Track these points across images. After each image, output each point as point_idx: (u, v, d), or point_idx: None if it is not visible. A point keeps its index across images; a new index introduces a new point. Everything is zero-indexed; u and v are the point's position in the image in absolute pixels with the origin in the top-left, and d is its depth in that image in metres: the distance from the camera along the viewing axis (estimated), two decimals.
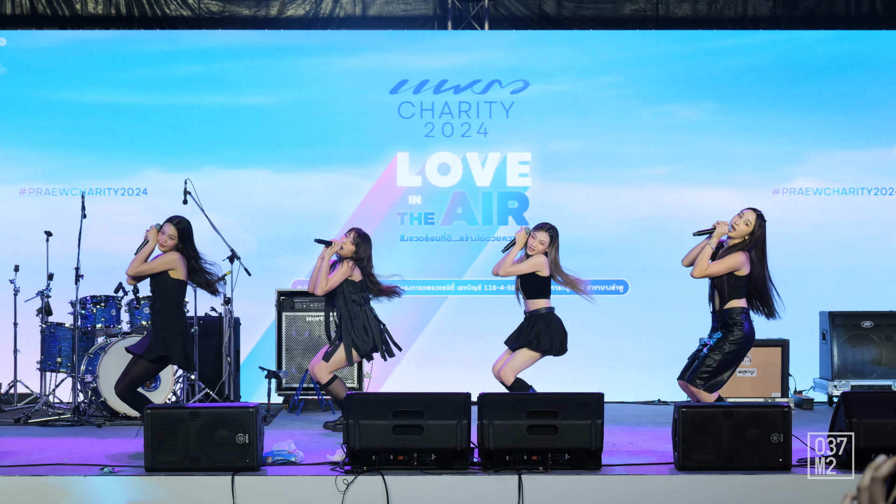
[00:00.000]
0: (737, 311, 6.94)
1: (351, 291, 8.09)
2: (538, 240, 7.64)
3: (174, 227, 7.28)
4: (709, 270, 6.94)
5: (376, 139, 10.46)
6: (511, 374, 7.54)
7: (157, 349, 7.15)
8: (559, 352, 7.66)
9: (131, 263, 7.27)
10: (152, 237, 7.27)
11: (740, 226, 6.99)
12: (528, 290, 7.68)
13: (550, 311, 7.66)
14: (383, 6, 10.86)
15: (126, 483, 6.10)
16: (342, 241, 8.12)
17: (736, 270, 6.93)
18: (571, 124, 10.49)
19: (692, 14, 10.84)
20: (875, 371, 9.69)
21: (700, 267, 6.97)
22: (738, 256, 6.93)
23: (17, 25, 10.67)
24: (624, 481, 6.17)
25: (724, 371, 6.96)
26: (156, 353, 7.15)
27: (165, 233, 7.24)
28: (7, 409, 9.32)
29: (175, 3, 10.77)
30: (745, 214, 7.02)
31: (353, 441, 6.15)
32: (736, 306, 6.94)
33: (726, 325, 6.94)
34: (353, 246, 8.10)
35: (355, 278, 8.08)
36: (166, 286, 7.21)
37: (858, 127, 10.47)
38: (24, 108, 10.43)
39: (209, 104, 10.45)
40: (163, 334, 7.15)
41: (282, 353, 9.74)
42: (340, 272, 8.08)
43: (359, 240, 8.13)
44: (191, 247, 7.31)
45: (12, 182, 10.41)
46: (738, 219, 7.02)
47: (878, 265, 10.45)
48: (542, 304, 7.65)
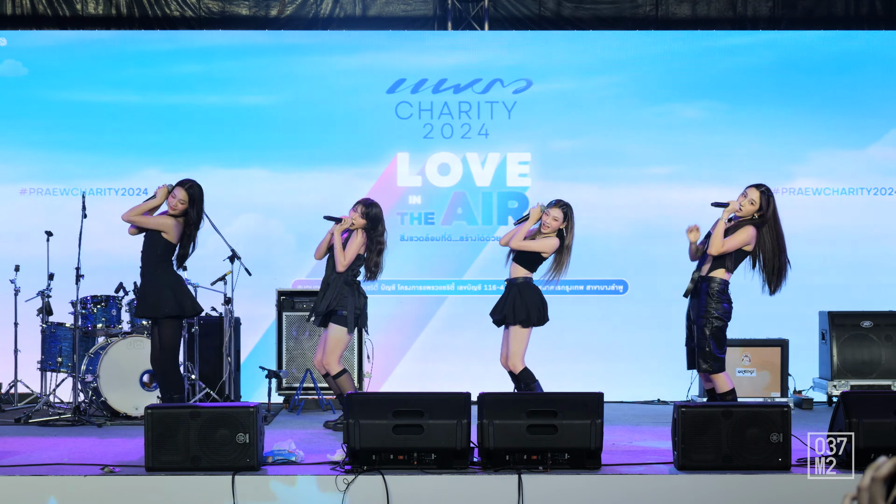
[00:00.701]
0: (716, 281, 7.01)
1: (352, 266, 8.10)
2: (552, 216, 7.67)
3: (185, 191, 7.42)
4: (725, 247, 7.00)
5: (376, 139, 10.46)
6: (518, 361, 7.59)
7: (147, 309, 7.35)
8: (538, 322, 7.68)
9: (131, 209, 7.45)
10: (161, 195, 7.45)
11: (746, 205, 7.07)
12: (520, 257, 7.71)
13: (527, 280, 7.69)
14: (383, 6, 10.86)
15: (126, 483, 6.10)
16: (351, 217, 8.13)
17: (746, 245, 7.00)
18: (571, 124, 10.49)
19: (692, 14, 10.84)
20: (875, 371, 9.70)
21: (716, 244, 7.02)
22: (749, 230, 7.03)
23: (18, 25, 10.67)
24: (624, 481, 6.18)
25: (721, 347, 7.06)
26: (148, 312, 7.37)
27: (176, 196, 7.39)
28: (7, 409, 9.32)
29: (175, 3, 10.77)
30: (749, 193, 7.10)
31: (353, 441, 6.15)
32: (718, 276, 7.00)
33: (705, 294, 6.98)
34: (363, 219, 8.11)
35: (363, 251, 8.10)
36: (153, 242, 7.44)
37: (859, 127, 10.48)
38: (24, 107, 10.43)
39: (209, 104, 10.45)
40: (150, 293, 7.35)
41: (282, 352, 9.75)
42: (356, 244, 8.08)
43: (367, 209, 8.13)
44: (198, 211, 7.44)
45: (12, 182, 10.41)
46: (743, 199, 7.10)
47: (878, 265, 10.45)
48: (521, 273, 7.69)
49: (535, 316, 7.64)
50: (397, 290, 10.38)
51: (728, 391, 7.08)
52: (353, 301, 8.06)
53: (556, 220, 7.67)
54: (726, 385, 7.09)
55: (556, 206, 7.72)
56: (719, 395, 7.11)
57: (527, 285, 7.68)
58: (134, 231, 7.64)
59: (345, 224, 8.10)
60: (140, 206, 7.48)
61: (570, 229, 7.71)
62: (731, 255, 7.03)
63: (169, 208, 7.48)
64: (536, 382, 7.60)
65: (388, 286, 10.24)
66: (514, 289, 7.68)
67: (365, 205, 8.18)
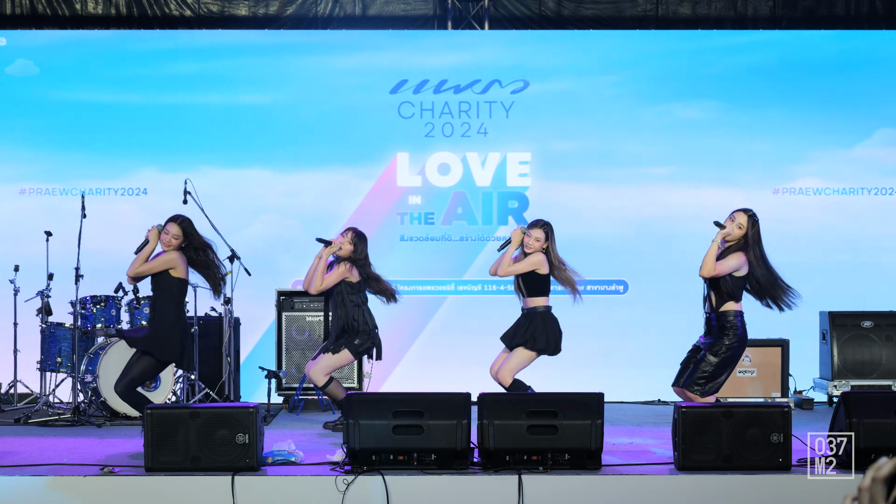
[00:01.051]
0: (731, 313, 6.94)
1: (349, 293, 8.07)
2: (534, 237, 7.61)
3: (178, 226, 7.29)
4: (717, 270, 6.94)
5: (376, 139, 10.46)
6: (509, 375, 7.52)
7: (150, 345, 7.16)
8: (554, 351, 7.64)
9: (132, 264, 7.26)
10: (153, 237, 7.26)
11: (734, 230, 7.01)
12: (529, 287, 7.65)
13: (548, 309, 7.64)
14: (383, 6, 10.86)
15: (126, 483, 6.10)
16: (340, 241, 8.11)
17: (736, 271, 6.94)
18: (571, 124, 10.49)
19: (692, 14, 10.84)
20: (875, 371, 9.69)
21: (708, 266, 6.96)
22: (738, 257, 6.94)
23: (18, 25, 10.67)
24: (624, 481, 6.17)
25: (720, 375, 6.95)
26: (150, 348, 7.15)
27: (169, 232, 7.24)
28: (7, 409, 9.32)
29: (175, 3, 10.77)
30: (737, 218, 7.04)
31: (353, 441, 6.15)
32: (731, 309, 6.94)
33: (721, 328, 6.94)
34: (350, 246, 8.09)
35: (353, 279, 8.07)
36: (167, 284, 7.22)
37: (859, 127, 10.47)
38: (22, 107, 10.43)
39: (208, 103, 10.44)
40: (160, 333, 7.15)
41: (282, 353, 9.74)
42: (336, 273, 8.06)
43: (356, 239, 8.12)
44: (197, 240, 7.34)
45: (12, 182, 10.41)
46: (731, 223, 7.03)
47: (879, 265, 10.45)
48: (540, 303, 7.63)
49: (552, 345, 7.60)
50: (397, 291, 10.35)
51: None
52: (369, 332, 8.06)
53: (538, 241, 7.60)
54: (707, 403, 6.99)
55: (537, 226, 7.64)
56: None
57: (548, 314, 7.61)
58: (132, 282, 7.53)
59: (333, 248, 8.07)
60: (139, 257, 7.25)
61: (552, 249, 7.63)
62: (729, 284, 6.96)
63: (163, 245, 7.29)
64: (529, 388, 7.56)
65: None
66: (537, 318, 7.57)
67: (355, 233, 8.15)
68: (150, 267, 7.24)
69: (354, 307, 8.05)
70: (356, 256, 8.09)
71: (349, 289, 8.07)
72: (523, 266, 7.61)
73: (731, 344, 6.91)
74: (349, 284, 8.07)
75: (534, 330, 7.54)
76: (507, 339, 7.68)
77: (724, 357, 6.92)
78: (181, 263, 7.22)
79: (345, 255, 8.08)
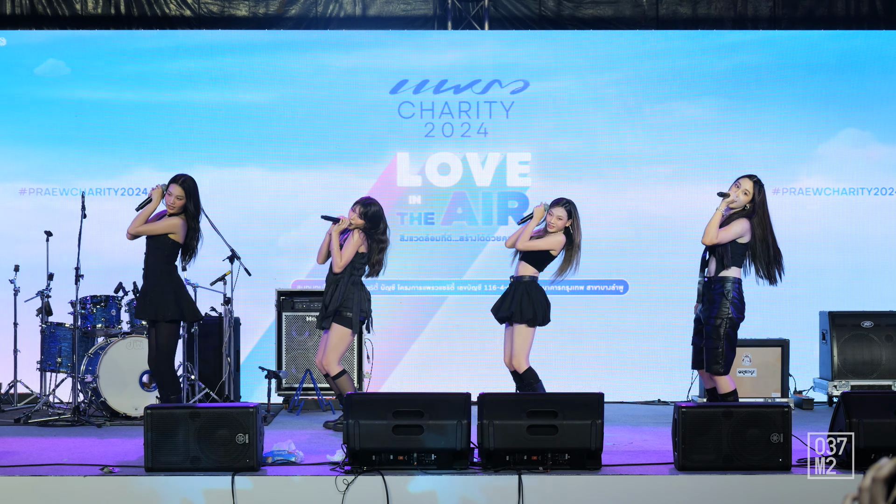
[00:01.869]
0: (730, 280, 6.98)
1: (355, 266, 8.06)
2: (556, 216, 7.65)
3: (180, 186, 7.41)
4: (720, 237, 6.98)
5: (376, 139, 10.46)
6: (523, 361, 7.58)
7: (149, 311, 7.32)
8: (542, 322, 7.67)
9: (133, 222, 7.42)
10: (156, 196, 7.40)
11: (740, 196, 7.06)
12: (527, 255, 7.69)
13: (534, 279, 7.68)
14: (383, 6, 10.86)
15: (126, 483, 6.10)
16: (350, 217, 8.11)
17: (739, 238, 6.98)
18: (571, 124, 10.48)
19: (692, 14, 10.84)
20: (875, 371, 9.69)
21: (710, 234, 7.00)
22: (742, 223, 7.00)
23: (17, 25, 10.67)
24: (624, 481, 6.17)
25: (733, 348, 7.04)
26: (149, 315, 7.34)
27: (172, 193, 7.38)
28: (7, 409, 9.32)
29: (175, 3, 10.77)
30: (742, 184, 7.08)
31: (353, 441, 6.14)
32: (730, 276, 6.99)
33: (719, 294, 6.95)
34: (361, 219, 8.08)
35: (362, 250, 8.07)
36: (160, 244, 7.41)
37: (859, 127, 10.47)
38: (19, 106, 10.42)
39: (207, 102, 10.43)
40: (154, 294, 7.35)
41: (282, 353, 9.74)
42: (352, 245, 8.03)
43: (365, 209, 8.09)
44: (195, 203, 7.43)
45: (12, 182, 10.40)
46: (737, 189, 7.08)
47: (879, 265, 10.45)
48: (529, 272, 7.67)
49: (540, 315, 7.64)
50: (397, 291, 10.37)
51: (730, 392, 7.07)
52: (359, 302, 8.04)
53: (560, 219, 7.66)
54: (729, 386, 7.07)
55: (559, 204, 7.70)
56: (721, 395, 7.09)
57: (533, 284, 7.67)
58: (130, 238, 7.63)
59: (342, 224, 8.06)
60: (141, 216, 7.42)
61: (576, 227, 7.70)
62: (729, 251, 7.00)
63: (167, 207, 7.47)
64: (539, 382, 7.58)
65: (388, 286, 10.24)
66: (520, 287, 7.65)
67: (363, 204, 8.14)
68: (153, 227, 7.39)
69: (351, 285, 8.02)
70: (373, 225, 8.07)
71: (358, 260, 8.06)
72: (542, 244, 7.65)
73: (728, 314, 6.95)
74: (359, 255, 8.06)
75: (519, 300, 7.59)
76: (495, 311, 7.77)
77: (728, 329, 6.97)
78: (181, 229, 7.38)
79: (357, 227, 8.06)
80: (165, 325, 7.46)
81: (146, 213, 7.42)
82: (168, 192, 7.42)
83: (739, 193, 7.06)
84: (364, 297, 8.10)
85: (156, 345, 7.49)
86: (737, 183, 7.11)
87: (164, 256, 7.44)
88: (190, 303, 7.69)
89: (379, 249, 8.08)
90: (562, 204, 7.70)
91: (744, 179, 7.11)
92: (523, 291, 7.62)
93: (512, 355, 7.65)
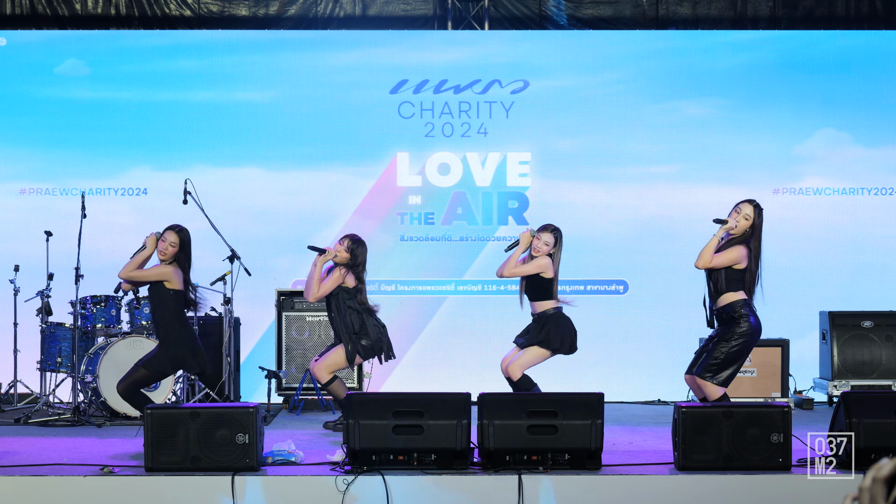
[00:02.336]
0: (738, 303, 6.86)
1: (346, 298, 8.04)
2: (543, 241, 7.58)
3: (176, 234, 7.26)
4: (713, 262, 6.88)
5: (376, 139, 10.46)
6: (518, 370, 7.51)
7: (165, 364, 7.21)
8: (569, 350, 7.63)
9: (126, 266, 7.25)
10: (150, 244, 7.24)
11: (741, 222, 6.93)
12: (534, 293, 7.61)
13: (559, 310, 7.61)
14: (383, 6, 10.86)
15: (126, 483, 6.10)
16: (336, 249, 8.08)
17: (736, 264, 6.89)
18: (571, 124, 10.48)
19: (692, 14, 10.84)
20: (875, 371, 9.69)
21: (704, 258, 6.91)
22: (739, 249, 6.88)
23: (17, 25, 10.67)
24: (624, 481, 6.17)
25: (732, 364, 6.88)
26: (164, 367, 7.23)
27: (167, 240, 7.22)
28: (7, 409, 9.32)
29: (175, 3, 10.77)
30: (743, 209, 6.94)
31: (353, 441, 6.15)
32: (736, 299, 6.86)
33: (732, 319, 6.88)
34: (347, 253, 8.06)
35: (349, 284, 8.02)
36: (163, 296, 7.20)
37: (859, 127, 10.47)
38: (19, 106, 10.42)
39: (206, 102, 10.43)
40: (168, 346, 7.19)
41: (282, 353, 9.74)
42: (332, 279, 8.03)
43: (353, 246, 8.08)
44: (187, 255, 7.31)
45: (12, 182, 10.40)
46: (737, 215, 6.93)
47: (879, 265, 10.45)
48: (549, 306, 7.60)
49: (567, 345, 7.60)
50: (397, 291, 10.37)
51: (722, 395, 6.99)
52: (377, 332, 8.06)
53: (546, 245, 7.57)
54: (717, 392, 6.98)
55: (547, 230, 7.61)
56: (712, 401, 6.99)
57: (560, 315, 7.60)
58: (128, 287, 7.53)
59: (328, 256, 8.05)
60: (134, 261, 7.21)
61: (557, 257, 7.64)
62: (723, 276, 6.89)
63: (159, 254, 7.25)
64: (535, 386, 7.56)
65: (388, 286, 10.24)
66: (549, 320, 7.56)
67: (352, 240, 8.12)
68: (143, 275, 7.22)
69: (353, 312, 8.02)
70: (354, 263, 8.07)
71: (346, 294, 8.04)
72: (529, 268, 7.59)
73: (743, 332, 6.83)
74: (346, 290, 8.03)
75: (548, 331, 7.52)
76: (520, 340, 7.67)
77: (736, 344, 6.84)
78: (176, 276, 7.18)
79: (341, 261, 8.05)
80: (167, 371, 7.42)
81: (139, 260, 7.20)
82: (162, 238, 7.27)
83: (740, 219, 6.92)
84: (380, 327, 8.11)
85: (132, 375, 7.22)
86: (737, 208, 6.95)
87: (171, 309, 7.23)
88: (202, 353, 7.54)
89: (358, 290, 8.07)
90: (550, 230, 7.60)
91: (744, 204, 6.96)
92: (553, 324, 7.54)
93: (511, 363, 7.56)
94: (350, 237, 8.15)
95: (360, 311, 8.04)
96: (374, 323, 8.07)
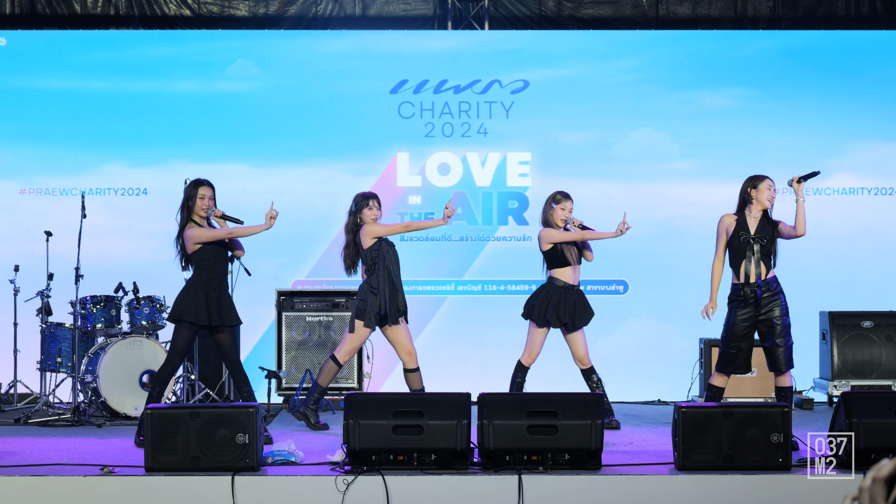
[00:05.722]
0: (776, 279, 7.15)
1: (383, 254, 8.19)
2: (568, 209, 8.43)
3: (210, 188, 7.54)
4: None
5: (376, 139, 10.46)
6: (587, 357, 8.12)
7: (233, 317, 7.57)
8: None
9: (246, 231, 7.59)
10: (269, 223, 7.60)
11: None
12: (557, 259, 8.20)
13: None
14: (383, 6, 10.86)
15: (126, 483, 6.10)
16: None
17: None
18: (571, 123, 10.49)
19: (692, 14, 10.84)
20: (875, 371, 9.69)
21: (803, 225, 7.18)
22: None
23: (17, 25, 10.67)
24: (624, 481, 6.17)
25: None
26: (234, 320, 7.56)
27: (205, 196, 7.50)
28: (7, 409, 9.32)
29: (175, 3, 10.77)
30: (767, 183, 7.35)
31: (353, 441, 6.14)
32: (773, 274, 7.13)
33: (779, 292, 7.06)
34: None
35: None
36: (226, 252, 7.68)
37: (859, 127, 10.47)
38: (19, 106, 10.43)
39: (207, 103, 10.43)
40: (227, 299, 7.58)
41: (282, 353, 9.73)
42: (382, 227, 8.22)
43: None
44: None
45: (12, 181, 10.40)
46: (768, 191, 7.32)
47: (879, 265, 10.45)
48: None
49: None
50: None
51: (790, 386, 7.17)
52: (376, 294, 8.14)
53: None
54: (790, 380, 7.16)
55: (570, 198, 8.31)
56: (786, 388, 7.11)
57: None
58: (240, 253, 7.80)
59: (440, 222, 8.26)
60: (251, 229, 7.62)
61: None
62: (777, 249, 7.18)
63: (213, 216, 7.57)
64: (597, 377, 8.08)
65: None
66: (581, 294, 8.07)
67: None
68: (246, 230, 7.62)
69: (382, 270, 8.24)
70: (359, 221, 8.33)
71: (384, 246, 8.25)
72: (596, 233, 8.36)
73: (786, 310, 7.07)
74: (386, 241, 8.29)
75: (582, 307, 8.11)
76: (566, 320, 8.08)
77: (787, 325, 7.08)
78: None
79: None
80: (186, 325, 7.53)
81: (254, 230, 7.66)
82: (200, 197, 7.55)
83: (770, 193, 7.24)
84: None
85: (231, 343, 7.57)
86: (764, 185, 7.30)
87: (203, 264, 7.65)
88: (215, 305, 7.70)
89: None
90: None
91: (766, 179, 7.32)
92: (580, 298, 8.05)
93: (584, 354, 8.05)
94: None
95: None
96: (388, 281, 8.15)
